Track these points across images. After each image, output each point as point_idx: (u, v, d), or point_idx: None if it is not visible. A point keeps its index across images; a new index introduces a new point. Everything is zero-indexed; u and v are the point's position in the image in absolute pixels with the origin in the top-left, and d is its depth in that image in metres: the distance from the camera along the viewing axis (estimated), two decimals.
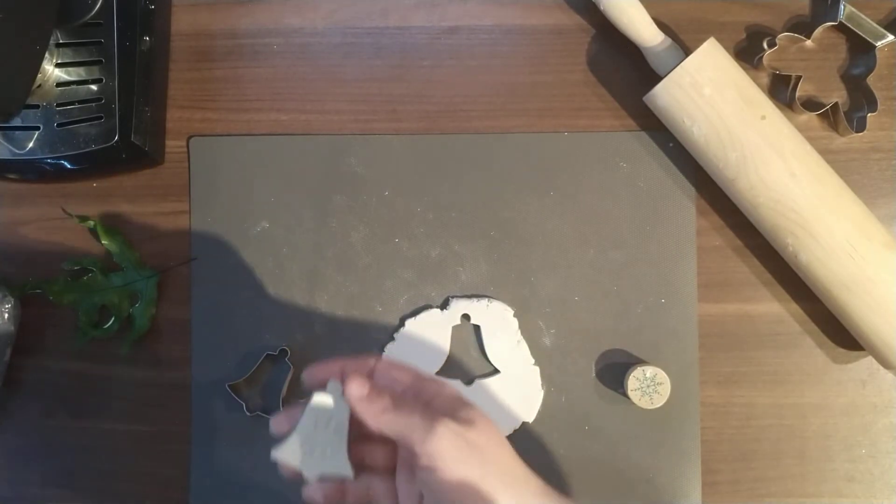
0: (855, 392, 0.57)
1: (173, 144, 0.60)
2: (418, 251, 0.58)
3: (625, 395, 0.56)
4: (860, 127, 0.57)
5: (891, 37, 0.56)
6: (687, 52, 0.55)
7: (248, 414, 0.57)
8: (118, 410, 0.60)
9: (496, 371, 0.57)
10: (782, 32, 0.57)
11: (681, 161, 0.58)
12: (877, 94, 0.56)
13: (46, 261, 0.60)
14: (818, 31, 0.57)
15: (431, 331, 0.57)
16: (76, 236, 0.60)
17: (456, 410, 0.40)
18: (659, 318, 0.58)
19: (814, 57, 0.58)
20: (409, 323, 0.58)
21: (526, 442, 0.57)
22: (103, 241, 0.58)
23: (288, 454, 0.41)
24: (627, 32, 0.55)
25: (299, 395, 0.58)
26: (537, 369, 0.57)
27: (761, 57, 0.57)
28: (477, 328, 0.58)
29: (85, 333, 0.58)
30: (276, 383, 0.58)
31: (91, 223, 0.58)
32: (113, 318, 0.59)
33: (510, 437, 0.57)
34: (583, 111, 0.59)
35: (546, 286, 0.58)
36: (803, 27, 0.58)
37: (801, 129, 0.54)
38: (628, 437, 0.57)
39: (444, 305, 0.58)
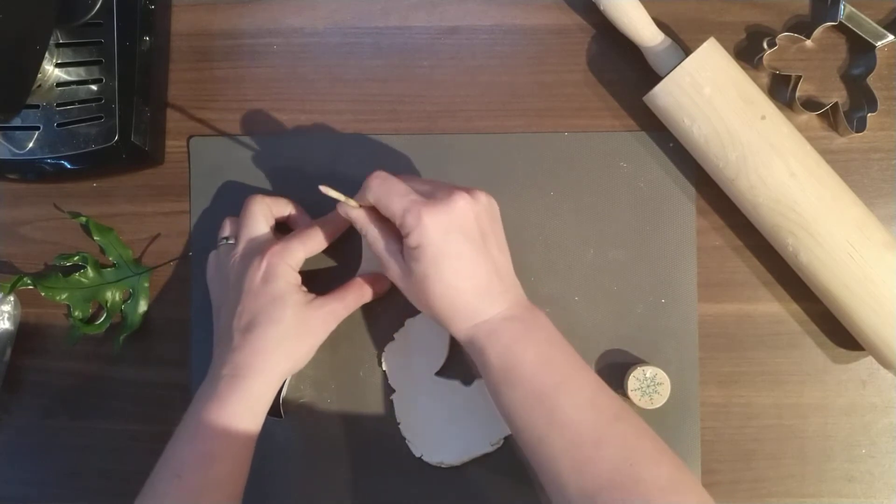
0: (855, 392, 0.57)
1: (173, 144, 0.60)
2: None
3: (625, 395, 0.56)
4: (860, 127, 0.57)
5: (891, 37, 0.56)
6: (687, 52, 0.55)
7: None
8: (118, 410, 0.60)
9: None
10: (782, 32, 0.57)
11: (681, 161, 0.58)
12: (877, 94, 0.56)
13: (46, 260, 0.60)
14: (818, 31, 0.57)
15: (431, 331, 0.57)
16: (76, 236, 0.60)
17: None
18: (659, 318, 0.58)
19: (814, 57, 0.58)
20: (409, 322, 0.58)
21: None
22: (95, 237, 0.58)
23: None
24: (627, 32, 0.55)
25: (299, 396, 0.58)
26: None
27: (761, 57, 0.57)
28: None
29: (77, 329, 0.58)
30: None
31: (83, 219, 0.58)
32: (105, 315, 0.59)
33: (509, 438, 0.57)
34: (583, 111, 0.59)
35: (546, 286, 0.58)
36: (803, 27, 0.58)
37: (801, 129, 0.54)
38: None
39: None
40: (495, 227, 0.49)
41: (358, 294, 0.54)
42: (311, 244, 0.53)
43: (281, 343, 0.50)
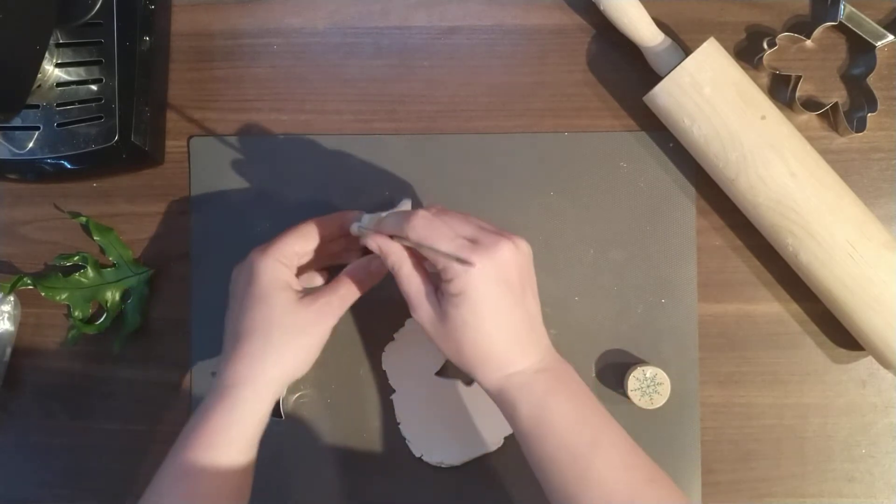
0: (855, 392, 0.57)
1: (173, 144, 0.60)
2: None
3: (625, 395, 0.56)
4: (860, 127, 0.57)
5: (891, 37, 0.56)
6: (687, 52, 0.55)
7: None
8: (118, 410, 0.60)
9: None
10: (782, 32, 0.57)
11: (681, 161, 0.58)
12: (877, 94, 0.56)
13: (46, 260, 0.60)
14: (818, 31, 0.57)
15: None
16: (76, 236, 0.60)
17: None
18: (659, 318, 0.58)
19: (814, 57, 0.58)
20: (409, 322, 0.58)
21: None
22: (95, 237, 0.58)
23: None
24: (627, 32, 0.55)
25: (299, 396, 0.58)
26: None
27: (761, 57, 0.57)
28: None
29: (77, 329, 0.58)
30: None
31: (83, 219, 0.58)
32: (105, 315, 0.59)
33: (509, 438, 0.57)
34: (583, 111, 0.59)
35: (546, 286, 0.58)
36: (803, 27, 0.58)
37: (801, 129, 0.54)
38: None
39: None
40: (531, 276, 0.48)
41: (352, 284, 0.51)
42: (309, 235, 0.51)
43: (269, 348, 0.48)
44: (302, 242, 0.51)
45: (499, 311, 0.45)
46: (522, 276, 0.46)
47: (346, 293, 0.51)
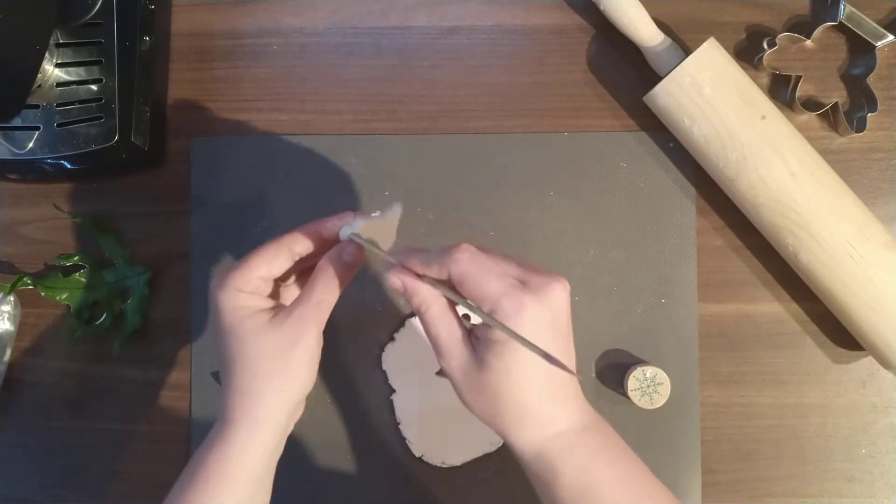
0: (855, 392, 0.57)
1: (173, 144, 0.60)
2: None
3: (625, 395, 0.56)
4: (860, 127, 0.57)
5: (891, 37, 0.56)
6: (687, 52, 0.55)
7: None
8: (118, 410, 0.60)
9: None
10: (782, 32, 0.57)
11: (681, 161, 0.58)
12: (877, 94, 0.56)
13: (46, 260, 0.60)
14: (818, 31, 0.57)
15: None
16: (76, 236, 0.60)
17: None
18: (659, 318, 0.58)
19: (814, 57, 0.58)
20: (409, 323, 0.58)
21: None
22: (95, 237, 0.58)
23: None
24: (627, 32, 0.55)
25: None
26: None
27: (761, 57, 0.57)
28: None
29: (76, 329, 0.58)
30: None
31: (83, 219, 0.58)
32: (105, 315, 0.59)
33: None
34: (583, 111, 0.59)
35: None
36: (803, 27, 0.58)
37: (801, 129, 0.54)
38: (628, 437, 0.56)
39: None
40: (570, 318, 0.43)
41: (325, 284, 0.44)
42: (276, 257, 0.45)
43: (255, 378, 0.43)
44: (266, 267, 0.44)
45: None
46: (569, 321, 0.42)
47: (323, 296, 0.44)
